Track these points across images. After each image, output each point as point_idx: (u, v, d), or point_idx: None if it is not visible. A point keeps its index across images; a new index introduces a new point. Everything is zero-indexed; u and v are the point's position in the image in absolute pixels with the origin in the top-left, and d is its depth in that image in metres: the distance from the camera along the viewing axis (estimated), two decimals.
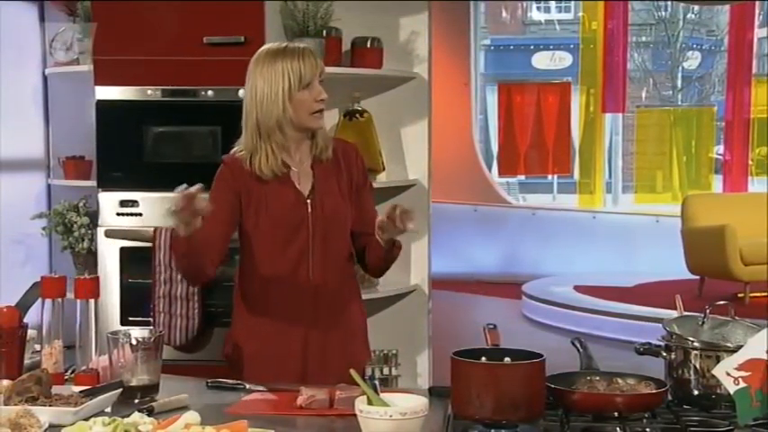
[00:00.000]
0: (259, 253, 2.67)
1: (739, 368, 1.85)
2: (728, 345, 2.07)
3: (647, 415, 2.00)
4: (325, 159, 2.68)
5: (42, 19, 4.43)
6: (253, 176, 2.64)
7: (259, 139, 2.63)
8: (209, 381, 2.38)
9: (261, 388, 2.34)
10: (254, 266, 2.68)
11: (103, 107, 3.88)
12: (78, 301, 2.30)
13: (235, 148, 2.73)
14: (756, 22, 11.83)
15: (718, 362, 1.93)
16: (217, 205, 2.59)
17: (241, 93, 3.77)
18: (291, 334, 2.65)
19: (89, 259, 4.12)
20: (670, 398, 2.11)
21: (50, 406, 1.98)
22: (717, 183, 13.06)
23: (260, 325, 2.68)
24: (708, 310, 2.18)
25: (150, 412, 2.00)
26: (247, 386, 2.34)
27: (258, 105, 2.63)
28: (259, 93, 2.63)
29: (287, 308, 2.65)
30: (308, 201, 2.64)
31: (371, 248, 2.68)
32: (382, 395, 1.89)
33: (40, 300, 2.33)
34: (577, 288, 9.17)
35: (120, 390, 2.12)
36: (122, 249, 3.88)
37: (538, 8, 21.62)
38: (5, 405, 1.98)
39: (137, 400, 2.15)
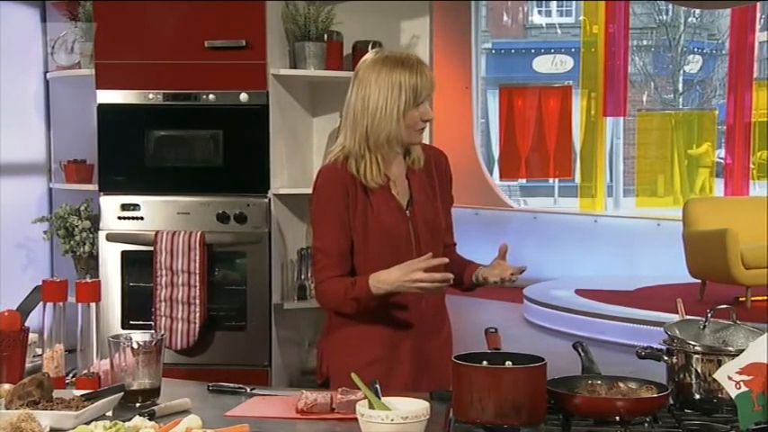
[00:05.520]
0: (365, 264, 2.55)
1: (741, 372, 1.85)
2: (730, 349, 2.07)
3: (648, 419, 2.00)
4: (417, 169, 2.64)
5: (44, 21, 4.44)
6: (358, 184, 2.56)
7: (367, 149, 2.55)
8: (210, 384, 2.38)
9: (263, 392, 2.34)
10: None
11: (105, 111, 3.89)
12: (80, 304, 2.30)
13: (331, 155, 2.62)
14: (758, 26, 11.85)
15: (720, 366, 1.93)
16: (339, 214, 2.55)
17: (243, 96, 3.82)
18: (399, 345, 2.59)
19: (90, 263, 4.13)
20: (671, 402, 2.10)
21: (51, 410, 1.98)
22: (718, 186, 13.07)
23: (367, 338, 2.60)
24: (709, 314, 2.17)
25: (151, 416, 2.00)
26: (249, 390, 2.34)
27: (370, 117, 2.52)
28: (372, 104, 2.51)
29: (395, 319, 2.59)
30: (407, 212, 2.60)
31: (454, 267, 2.62)
32: (383, 399, 1.89)
33: (41, 303, 2.33)
34: (579, 292, 9.17)
35: (122, 393, 2.11)
36: (124, 253, 3.88)
37: (539, 12, 21.66)
38: (7, 409, 1.98)
39: (138, 404, 2.15)
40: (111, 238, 3.89)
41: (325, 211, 2.57)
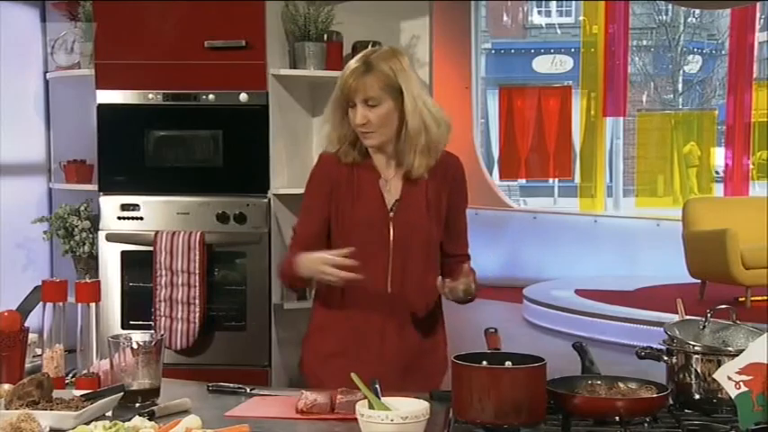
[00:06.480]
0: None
1: (740, 372, 1.85)
2: (730, 349, 2.07)
3: (648, 419, 2.00)
4: (417, 177, 2.58)
5: (44, 21, 4.44)
6: (346, 176, 2.59)
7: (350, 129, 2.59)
8: (210, 385, 2.38)
9: (263, 392, 2.34)
10: None
11: (105, 111, 3.89)
12: (79, 305, 2.30)
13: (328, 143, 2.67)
14: (757, 26, 11.85)
15: (720, 366, 1.93)
16: (317, 201, 2.62)
17: (243, 96, 3.82)
18: (366, 343, 2.60)
19: (90, 263, 4.12)
20: (671, 402, 2.10)
21: (51, 410, 1.98)
22: (718, 187, 13.08)
23: (336, 331, 2.63)
24: (709, 314, 2.17)
25: (151, 416, 2.00)
26: (248, 390, 2.34)
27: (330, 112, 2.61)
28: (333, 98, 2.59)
29: (363, 317, 2.60)
30: (391, 213, 2.58)
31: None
32: (383, 399, 1.89)
33: (41, 304, 2.33)
34: (578, 292, 9.17)
35: (121, 394, 2.11)
36: (123, 253, 3.88)
37: (539, 12, 21.66)
38: (6, 409, 1.98)
39: (138, 404, 2.15)
40: (111, 238, 3.89)
41: (307, 196, 2.66)
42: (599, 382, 2.11)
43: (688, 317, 2.26)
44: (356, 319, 2.61)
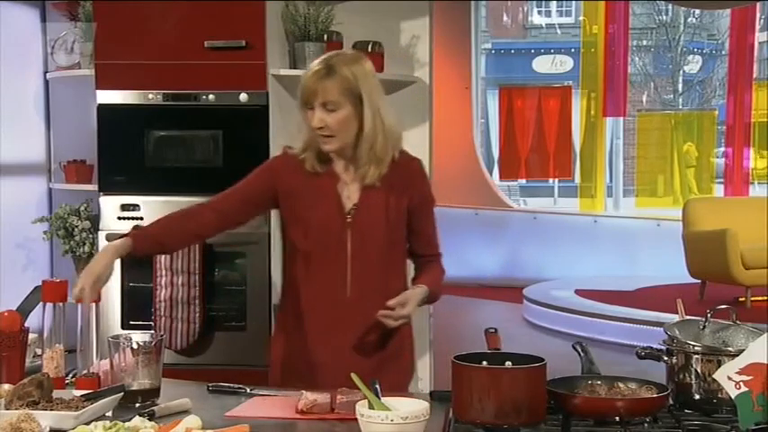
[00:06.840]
0: (298, 264, 2.60)
1: (741, 372, 1.85)
2: (730, 349, 2.07)
3: (648, 419, 2.00)
4: (373, 183, 2.56)
5: (44, 21, 4.44)
6: (304, 180, 2.58)
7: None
8: (210, 385, 2.38)
9: (263, 392, 2.34)
10: (293, 278, 2.63)
11: (105, 111, 3.89)
12: (79, 305, 2.31)
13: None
14: (757, 26, 11.84)
15: (720, 366, 1.93)
16: (246, 183, 2.68)
17: (243, 97, 3.82)
18: (324, 349, 2.59)
19: None
20: (671, 402, 2.11)
21: (51, 410, 1.98)
22: (718, 187, 13.08)
23: (295, 336, 2.64)
24: (709, 315, 2.18)
25: (151, 416, 2.00)
26: (248, 390, 2.34)
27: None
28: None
29: (322, 322, 2.59)
30: (348, 217, 2.56)
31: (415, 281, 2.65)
32: (383, 399, 1.89)
33: (41, 304, 2.34)
34: (578, 292, 9.17)
35: (122, 394, 2.11)
36: None
37: (539, 12, 21.66)
38: (6, 409, 1.98)
39: (138, 405, 2.15)
40: (111, 238, 3.84)
41: (252, 174, 2.70)
42: (599, 382, 2.11)
43: (688, 317, 2.26)
44: (315, 323, 2.60)
